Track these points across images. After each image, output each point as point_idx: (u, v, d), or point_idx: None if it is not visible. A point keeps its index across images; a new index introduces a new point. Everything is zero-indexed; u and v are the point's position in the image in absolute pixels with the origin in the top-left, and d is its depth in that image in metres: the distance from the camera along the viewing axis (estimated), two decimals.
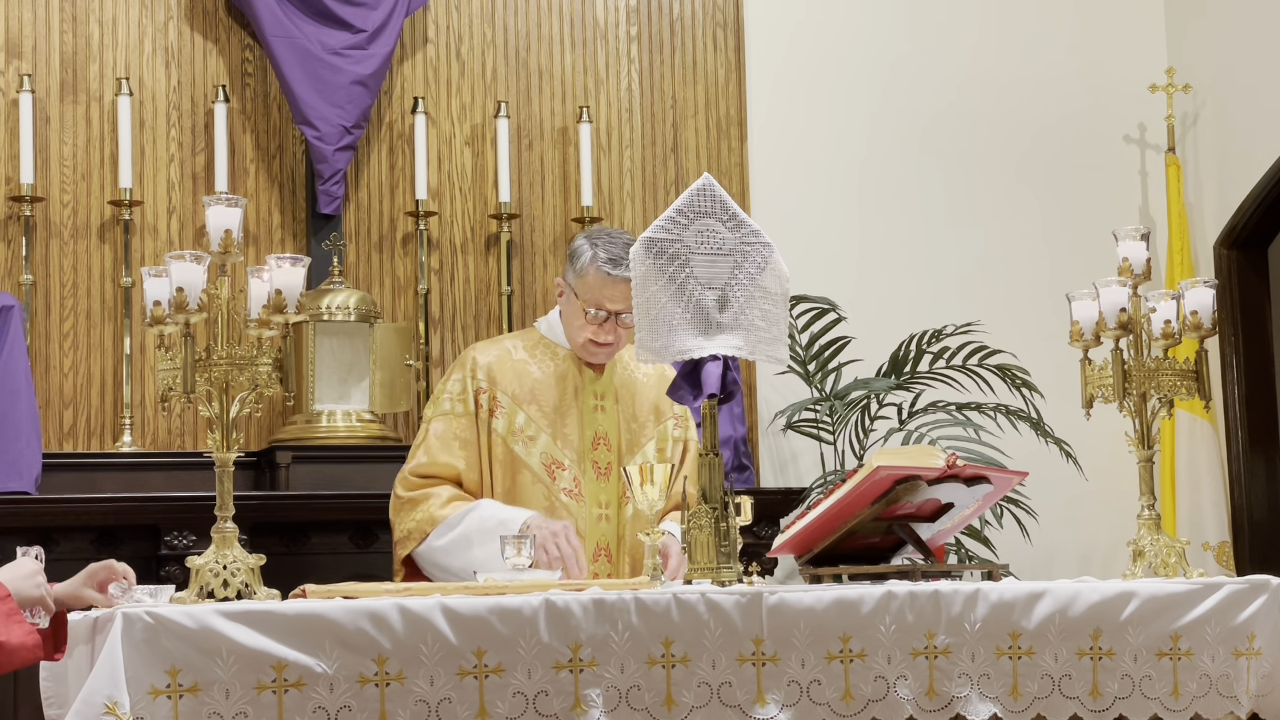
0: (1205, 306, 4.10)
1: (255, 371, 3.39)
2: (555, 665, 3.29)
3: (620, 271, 4.14)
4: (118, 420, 5.78)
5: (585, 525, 4.21)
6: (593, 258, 4.22)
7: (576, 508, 4.20)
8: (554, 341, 4.37)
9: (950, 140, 6.88)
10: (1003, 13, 7.00)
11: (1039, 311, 6.57)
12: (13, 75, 5.79)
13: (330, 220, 6.02)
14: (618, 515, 4.27)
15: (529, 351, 4.34)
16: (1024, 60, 7.00)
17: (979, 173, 6.90)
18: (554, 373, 4.31)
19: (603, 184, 6.39)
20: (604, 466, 4.26)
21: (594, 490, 4.25)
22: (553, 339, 4.37)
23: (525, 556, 3.75)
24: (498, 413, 4.25)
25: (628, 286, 4.05)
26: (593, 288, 4.22)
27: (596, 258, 4.21)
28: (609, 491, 4.27)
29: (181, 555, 5.11)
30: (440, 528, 4.12)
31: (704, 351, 3.72)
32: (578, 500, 4.20)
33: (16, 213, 5.72)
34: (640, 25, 6.52)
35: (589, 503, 4.24)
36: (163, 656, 3.07)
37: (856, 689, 3.47)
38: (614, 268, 4.18)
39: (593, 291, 4.22)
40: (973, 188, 6.89)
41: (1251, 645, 3.79)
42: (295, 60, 5.92)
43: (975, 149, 6.91)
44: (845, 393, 6.24)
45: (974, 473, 3.88)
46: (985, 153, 6.92)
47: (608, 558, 4.24)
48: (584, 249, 4.25)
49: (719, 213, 3.78)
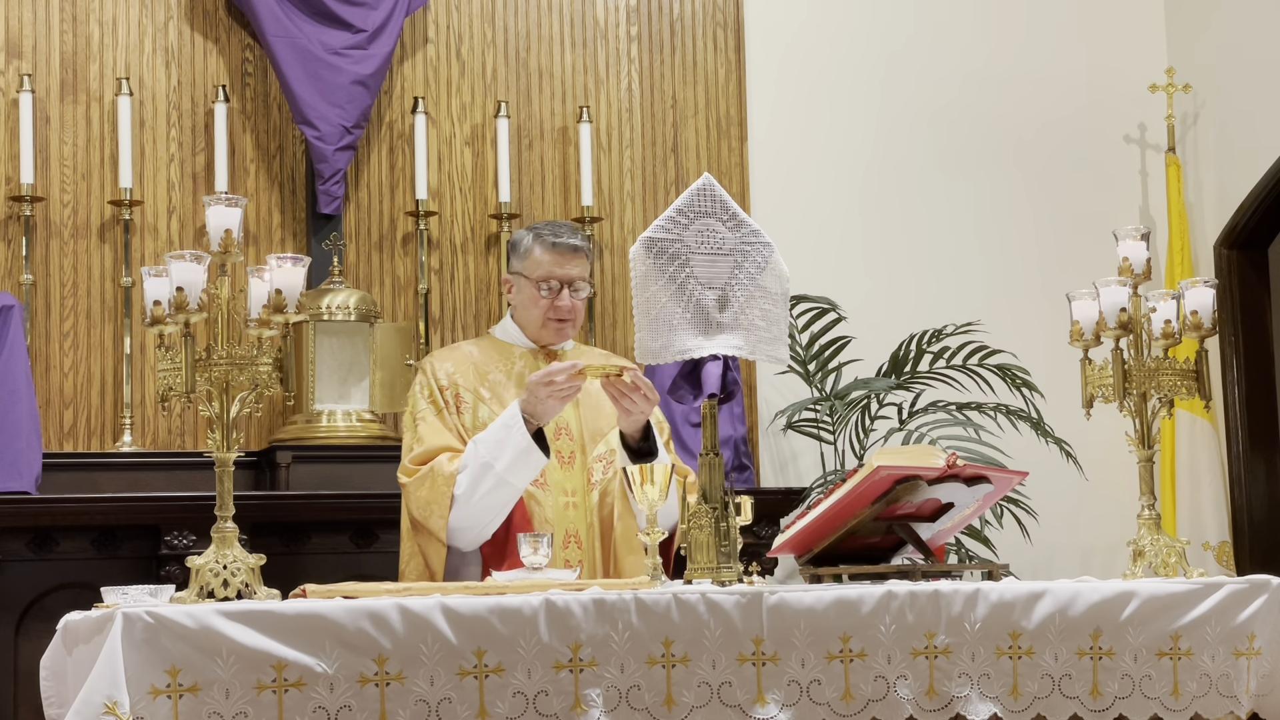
0: (1205, 306, 4.10)
1: (255, 371, 3.40)
2: (555, 665, 3.29)
3: (564, 239, 4.31)
4: (118, 420, 5.78)
5: (553, 513, 4.26)
6: (535, 237, 4.35)
7: (544, 496, 4.25)
8: (509, 343, 4.44)
9: (950, 140, 6.88)
10: (1003, 12, 7.00)
11: (1039, 311, 6.57)
12: (13, 75, 5.79)
13: (330, 220, 6.02)
14: (584, 502, 4.30)
15: (485, 354, 4.41)
16: (1024, 60, 7.00)
17: (979, 172, 6.90)
18: (513, 371, 4.38)
19: (603, 184, 6.39)
20: (567, 455, 4.31)
21: (559, 479, 4.29)
22: (508, 340, 4.44)
23: (543, 555, 3.76)
24: (463, 409, 4.31)
25: (573, 255, 4.31)
26: (541, 263, 4.32)
27: (539, 235, 4.35)
28: (574, 479, 4.32)
29: (181, 555, 5.10)
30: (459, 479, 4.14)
31: (704, 351, 3.72)
32: (544, 489, 4.25)
33: (16, 213, 5.72)
34: (640, 25, 6.52)
35: (555, 491, 4.28)
36: (163, 656, 3.07)
37: (856, 689, 3.47)
38: (556, 238, 4.33)
39: (542, 266, 4.32)
40: (973, 187, 6.89)
41: (1251, 645, 3.79)
42: (295, 60, 5.92)
43: (975, 149, 6.91)
44: (845, 393, 6.24)
45: (974, 472, 3.88)
46: (985, 152, 6.92)
47: (577, 544, 4.28)
48: (523, 236, 4.40)
49: (719, 212, 3.79)
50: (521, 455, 4.10)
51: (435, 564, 4.16)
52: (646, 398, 4.12)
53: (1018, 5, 7.02)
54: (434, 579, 4.13)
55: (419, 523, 4.20)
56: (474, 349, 4.45)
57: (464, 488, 4.13)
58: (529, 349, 4.41)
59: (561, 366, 4.10)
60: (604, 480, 4.32)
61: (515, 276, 4.38)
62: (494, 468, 4.11)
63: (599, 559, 4.27)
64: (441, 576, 4.15)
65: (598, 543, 4.29)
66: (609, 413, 4.31)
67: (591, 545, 4.28)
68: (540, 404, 4.11)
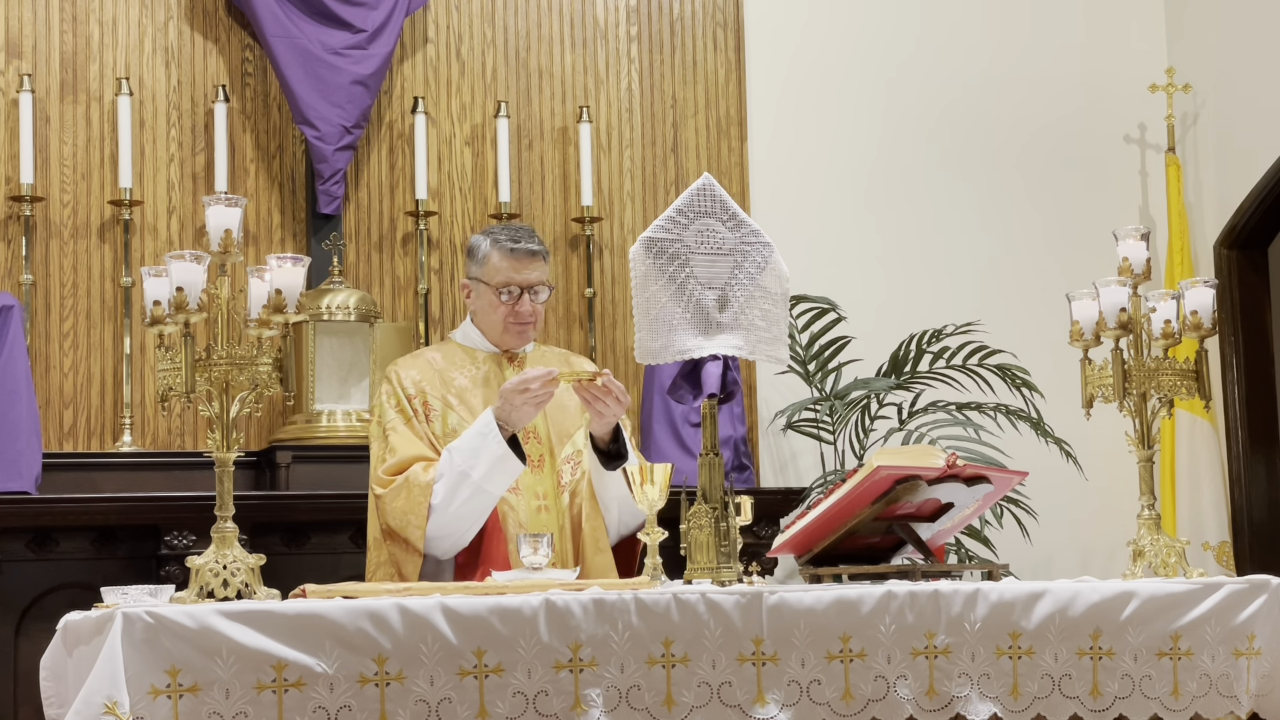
0: (1205, 306, 4.10)
1: (255, 371, 3.39)
2: (555, 665, 3.29)
3: (522, 245, 4.28)
4: (118, 420, 5.78)
5: (526, 517, 4.24)
6: (493, 242, 4.32)
7: (517, 501, 4.24)
8: (471, 348, 4.41)
9: (950, 140, 6.88)
10: (1003, 12, 7.00)
11: (1039, 311, 6.57)
12: (13, 75, 5.79)
13: (330, 220, 6.02)
14: (555, 504, 4.29)
15: (448, 360, 4.39)
16: (1023, 60, 7.00)
17: (979, 172, 6.90)
18: (477, 376, 4.35)
19: (603, 184, 6.39)
20: (536, 459, 4.30)
21: (530, 482, 4.27)
22: (470, 345, 4.42)
23: (542, 555, 3.76)
24: (431, 417, 4.29)
25: (531, 260, 4.27)
26: (500, 269, 4.29)
27: (497, 241, 4.31)
28: (544, 482, 4.30)
29: (181, 555, 5.10)
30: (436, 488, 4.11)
31: (704, 351, 3.72)
32: (517, 494, 4.24)
33: (16, 213, 5.72)
34: (640, 25, 6.52)
35: (526, 495, 4.26)
36: (163, 656, 3.07)
37: (856, 689, 3.47)
38: (514, 243, 4.29)
39: (501, 272, 4.29)
40: (973, 187, 6.89)
41: (1251, 645, 3.79)
42: (295, 60, 5.92)
43: (976, 149, 6.91)
44: (845, 393, 6.24)
45: (974, 472, 3.88)
46: (985, 152, 6.92)
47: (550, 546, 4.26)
48: (480, 241, 4.36)
49: (719, 212, 3.79)
50: (498, 462, 4.09)
51: (409, 572, 4.13)
52: (619, 400, 4.11)
53: (1018, 5, 7.02)
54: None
55: (394, 532, 4.17)
56: (437, 355, 4.42)
57: (441, 497, 4.11)
58: (492, 353, 4.39)
59: (536, 374, 4.08)
60: (573, 481, 4.32)
61: (474, 282, 4.35)
62: (471, 476, 4.09)
63: (570, 558, 4.27)
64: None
65: (570, 543, 4.30)
66: (575, 415, 4.32)
67: (564, 546, 4.28)
68: (515, 411, 4.09)
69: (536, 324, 4.37)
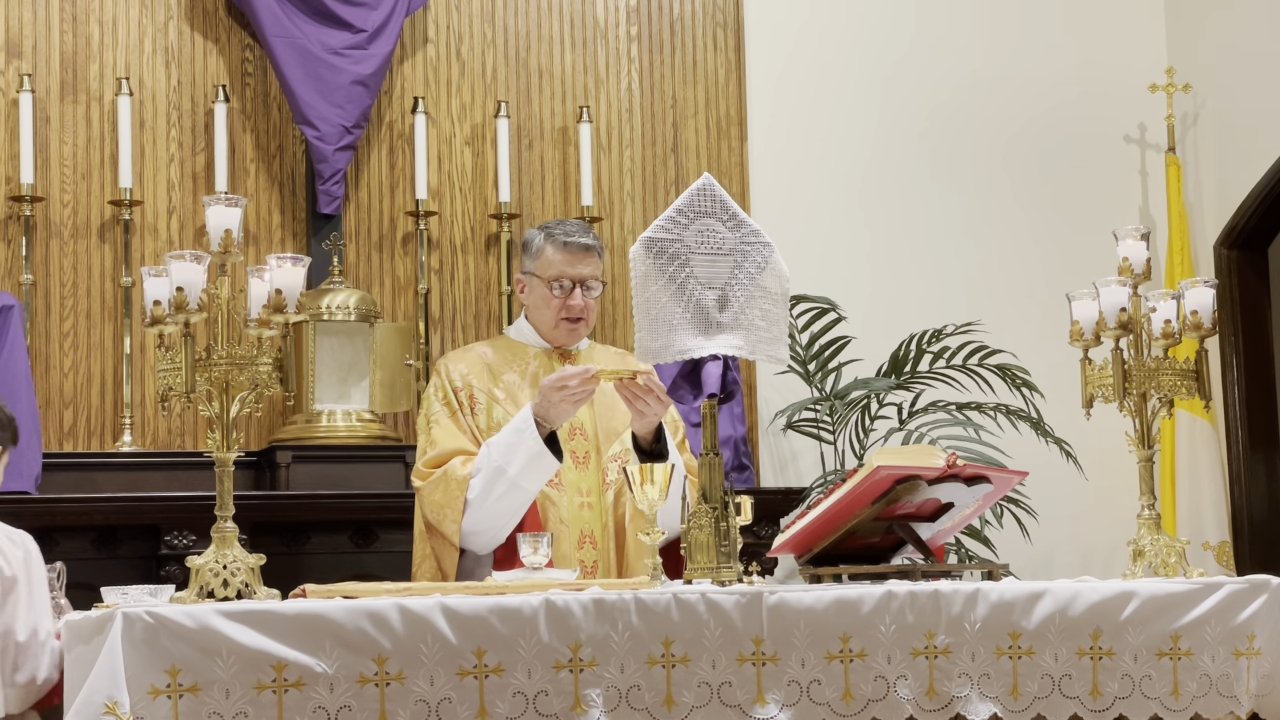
0: (1205, 306, 4.10)
1: (255, 371, 3.39)
2: (555, 665, 3.29)
3: (575, 239, 4.31)
4: (118, 420, 5.77)
5: (568, 514, 4.25)
6: (546, 236, 4.35)
7: (559, 497, 4.24)
8: (523, 343, 4.43)
9: (950, 140, 6.88)
10: (1003, 12, 7.00)
11: (1039, 311, 6.57)
12: (13, 75, 5.79)
13: (330, 220, 6.02)
14: (599, 502, 4.29)
15: (500, 355, 4.40)
16: (1023, 60, 7.00)
17: (979, 172, 6.90)
18: (527, 371, 4.36)
19: (603, 184, 6.39)
20: (582, 455, 4.30)
21: (574, 479, 4.28)
22: (521, 341, 4.43)
23: (542, 555, 3.76)
24: (477, 410, 4.30)
25: (585, 254, 4.30)
26: (553, 262, 4.32)
27: (551, 235, 4.34)
28: (589, 480, 4.31)
29: (181, 555, 5.10)
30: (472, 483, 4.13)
31: (704, 351, 3.72)
32: (559, 490, 4.23)
33: (16, 213, 5.72)
34: (640, 25, 6.52)
35: (570, 491, 4.27)
36: (163, 656, 3.07)
37: (856, 689, 3.47)
38: (568, 237, 4.33)
39: (554, 266, 4.31)
40: (973, 187, 6.89)
41: (1251, 645, 3.79)
42: (295, 60, 5.92)
43: (975, 148, 6.91)
44: (845, 392, 6.24)
45: (974, 472, 3.88)
46: (985, 152, 6.92)
47: (592, 544, 4.26)
48: (534, 235, 4.40)
49: (719, 212, 3.79)
50: (534, 459, 4.09)
51: (448, 567, 4.15)
52: (660, 400, 4.11)
53: (1018, 5, 7.02)
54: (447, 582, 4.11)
55: (432, 526, 4.19)
56: (488, 350, 4.44)
57: (477, 492, 4.12)
58: (543, 349, 4.40)
59: (574, 371, 4.08)
60: (618, 480, 4.30)
61: (527, 276, 4.38)
62: (506, 472, 4.10)
63: (614, 560, 4.26)
64: (454, 579, 4.13)
65: (612, 543, 4.29)
66: (624, 413, 4.30)
67: (606, 546, 4.27)
68: (553, 408, 4.10)
69: (589, 319, 4.38)
